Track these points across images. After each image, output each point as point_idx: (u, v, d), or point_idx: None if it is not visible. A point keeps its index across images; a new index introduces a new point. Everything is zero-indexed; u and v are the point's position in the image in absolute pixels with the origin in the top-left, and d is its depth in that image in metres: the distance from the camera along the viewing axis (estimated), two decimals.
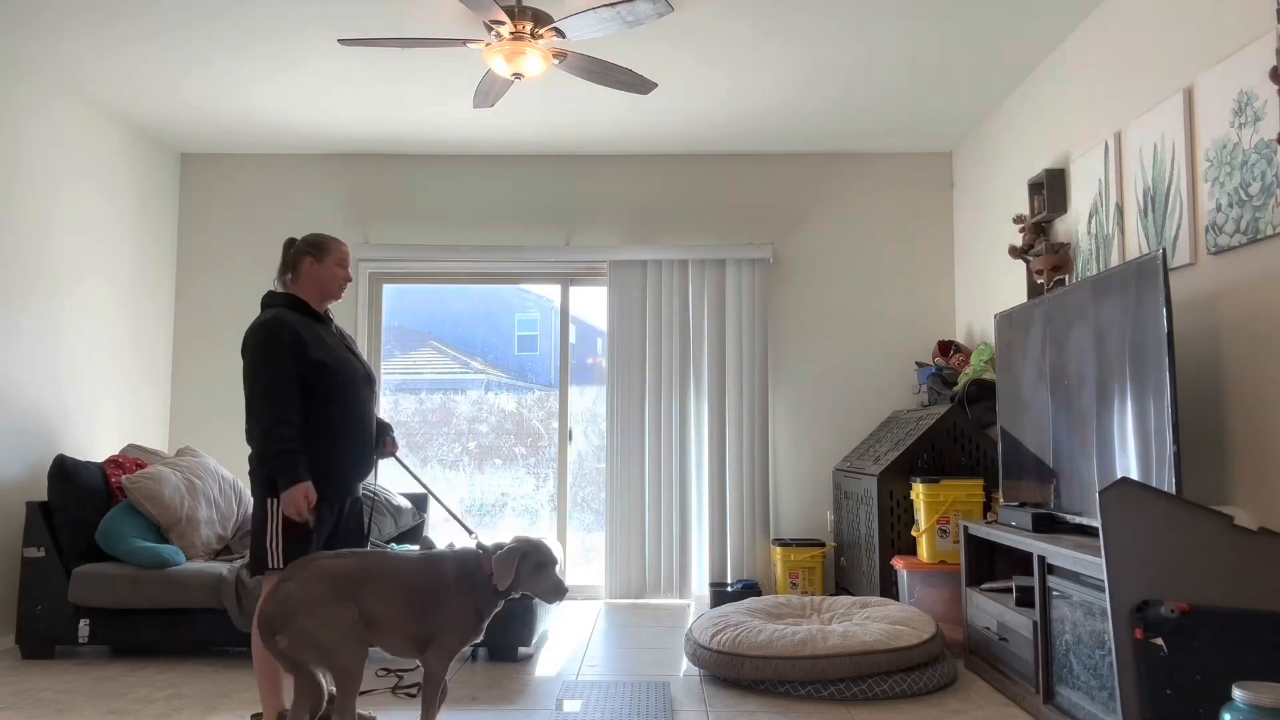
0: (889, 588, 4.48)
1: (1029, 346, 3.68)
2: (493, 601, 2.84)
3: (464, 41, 3.60)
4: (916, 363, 5.54)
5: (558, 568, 2.92)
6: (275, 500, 2.85)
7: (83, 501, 4.21)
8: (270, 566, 2.86)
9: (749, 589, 5.17)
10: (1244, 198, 2.89)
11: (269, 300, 3.03)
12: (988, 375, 4.65)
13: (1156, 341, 2.77)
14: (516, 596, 3.03)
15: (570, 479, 5.73)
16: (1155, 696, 2.15)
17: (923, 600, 4.21)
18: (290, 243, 3.09)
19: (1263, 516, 2.80)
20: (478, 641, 2.99)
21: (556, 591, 2.86)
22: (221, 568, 4.08)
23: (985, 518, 4.29)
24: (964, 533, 3.87)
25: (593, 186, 5.79)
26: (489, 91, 4.04)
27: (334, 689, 2.69)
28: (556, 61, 3.74)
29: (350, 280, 3.13)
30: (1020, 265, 4.67)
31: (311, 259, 3.04)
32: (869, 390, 5.66)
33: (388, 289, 5.89)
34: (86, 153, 4.91)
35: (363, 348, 5.72)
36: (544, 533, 5.64)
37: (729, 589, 5.19)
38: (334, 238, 3.10)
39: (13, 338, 4.39)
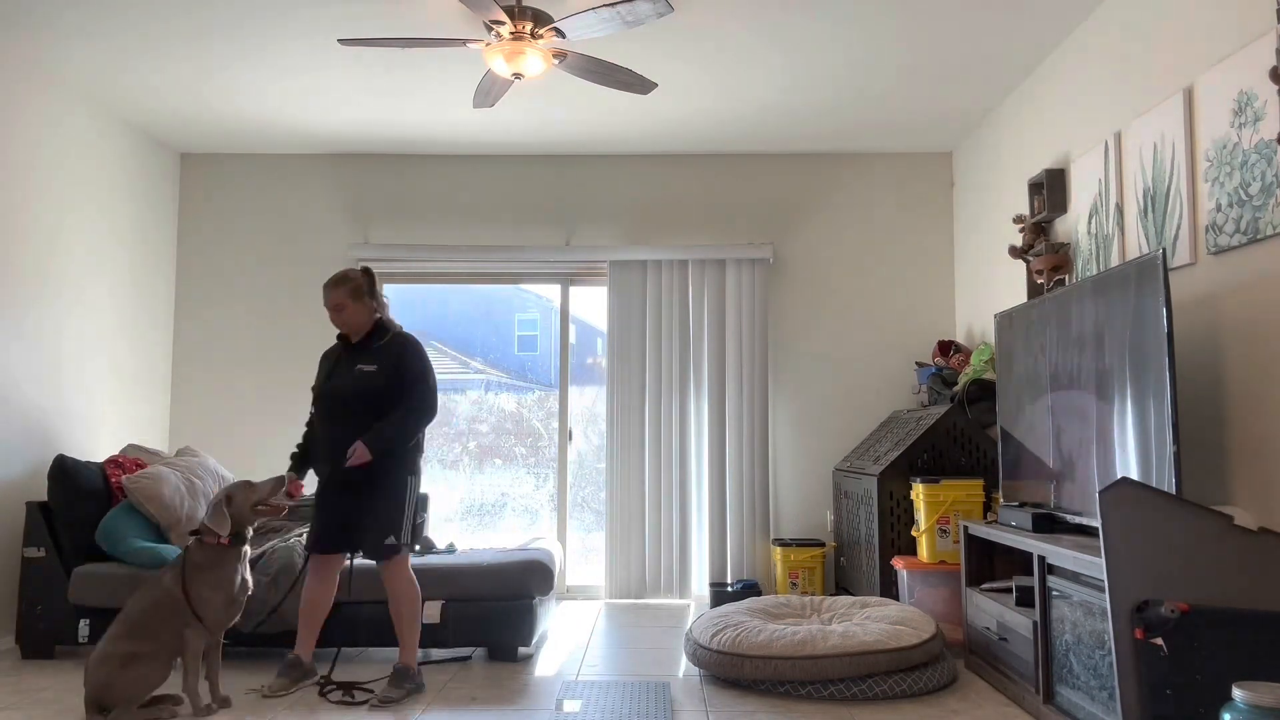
0: (889, 588, 4.48)
1: (1029, 346, 3.68)
2: (231, 557, 3.28)
3: (464, 41, 3.60)
4: (916, 363, 5.54)
5: (251, 492, 3.37)
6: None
7: (83, 501, 4.21)
8: None
9: (749, 589, 5.17)
10: (1244, 198, 2.89)
11: None
12: (988, 375, 4.65)
13: (1156, 341, 2.77)
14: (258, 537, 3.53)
15: (570, 479, 5.73)
16: (1155, 696, 2.15)
17: (923, 600, 4.21)
18: None
19: (1263, 516, 2.80)
20: (249, 593, 3.41)
21: (271, 496, 3.38)
22: None
23: (985, 518, 4.29)
24: (964, 533, 3.87)
25: (593, 186, 5.79)
26: (489, 91, 4.04)
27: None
28: (556, 61, 3.74)
29: (335, 323, 3.61)
30: (1020, 265, 4.67)
31: None
32: (869, 390, 5.66)
33: (388, 289, 5.88)
34: (86, 152, 4.91)
35: None
36: (544, 532, 5.64)
37: (729, 589, 5.19)
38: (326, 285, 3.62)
39: (13, 338, 4.39)
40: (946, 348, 5.20)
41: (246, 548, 3.37)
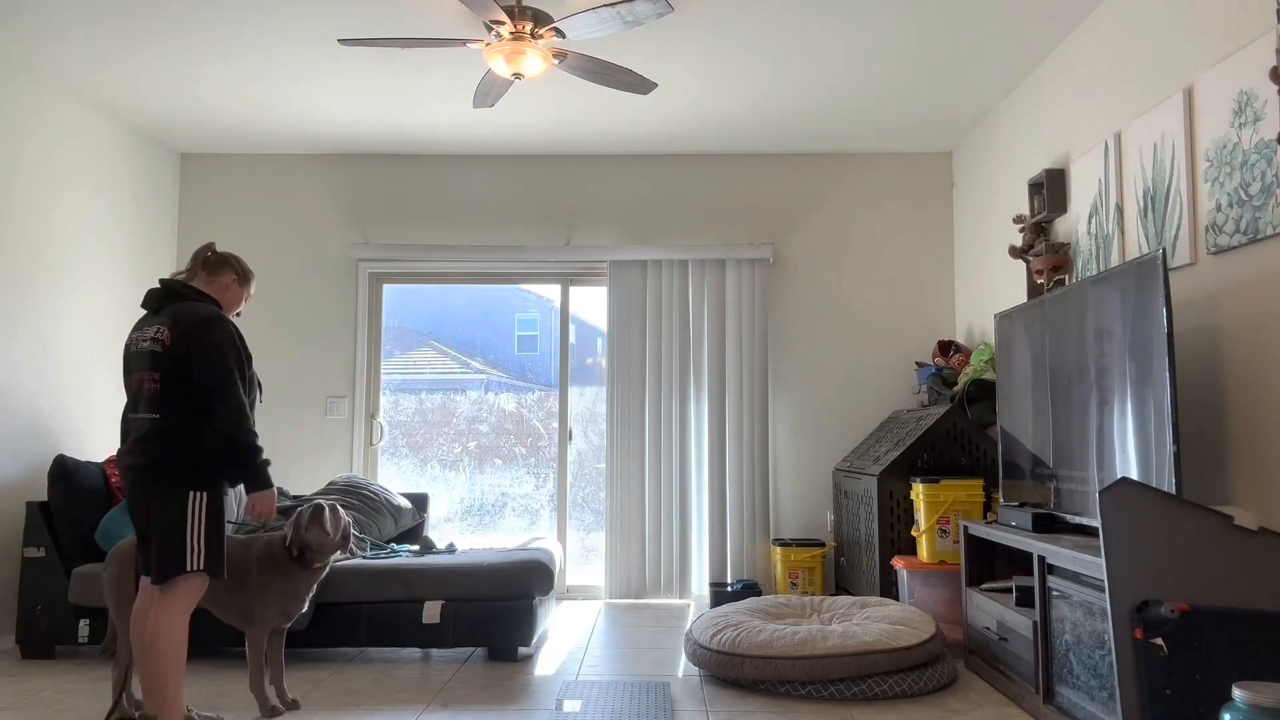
0: (889, 588, 4.48)
1: (1029, 346, 3.68)
2: (303, 576, 3.25)
3: (464, 41, 3.60)
4: (916, 363, 5.54)
5: (340, 522, 3.28)
6: (201, 496, 2.86)
7: (83, 501, 4.21)
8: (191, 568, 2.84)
9: (749, 589, 5.17)
10: (1244, 198, 2.89)
11: (199, 296, 3.03)
12: (988, 375, 4.65)
13: (1156, 341, 2.77)
14: (337, 557, 3.51)
15: (570, 479, 5.73)
16: (1155, 696, 2.15)
17: (923, 600, 4.21)
18: (226, 255, 3.16)
19: (1263, 516, 2.80)
20: (302, 611, 3.37)
21: (340, 537, 3.27)
22: None
23: (985, 518, 4.29)
24: (964, 533, 3.87)
25: (593, 186, 5.78)
26: (489, 91, 4.04)
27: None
28: (556, 61, 3.74)
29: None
30: (1020, 265, 4.67)
31: (238, 280, 3.15)
32: (869, 390, 5.66)
33: (388, 289, 5.88)
34: (86, 153, 4.91)
35: (362, 347, 5.73)
36: (543, 532, 5.64)
37: (729, 589, 5.19)
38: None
39: (13, 338, 4.39)
40: (946, 348, 5.20)
41: (323, 572, 3.35)
